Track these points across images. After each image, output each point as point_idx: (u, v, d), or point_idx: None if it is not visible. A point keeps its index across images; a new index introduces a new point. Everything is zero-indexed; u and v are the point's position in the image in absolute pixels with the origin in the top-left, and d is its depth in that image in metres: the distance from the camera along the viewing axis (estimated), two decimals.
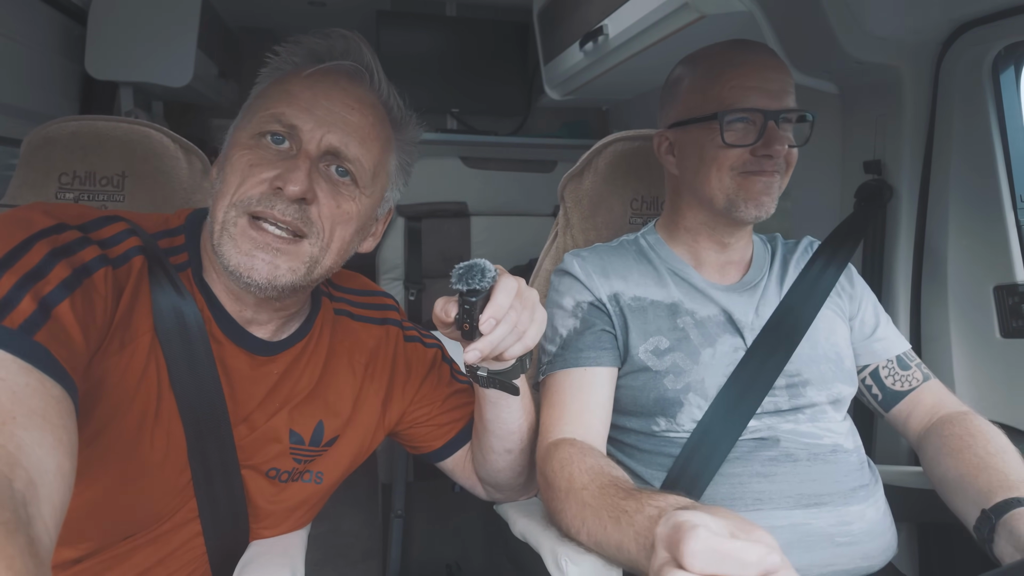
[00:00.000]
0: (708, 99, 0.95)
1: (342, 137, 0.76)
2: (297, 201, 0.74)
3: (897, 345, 1.05)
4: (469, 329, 0.72)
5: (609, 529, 0.72)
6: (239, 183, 0.74)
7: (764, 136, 0.92)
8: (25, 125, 1.65)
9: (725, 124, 0.93)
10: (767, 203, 0.94)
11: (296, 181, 0.72)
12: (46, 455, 0.51)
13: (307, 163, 0.74)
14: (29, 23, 1.85)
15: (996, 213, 1.17)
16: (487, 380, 0.83)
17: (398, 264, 2.19)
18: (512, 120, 2.97)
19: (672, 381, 0.93)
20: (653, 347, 0.96)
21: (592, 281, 1.00)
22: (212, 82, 2.47)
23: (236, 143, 0.77)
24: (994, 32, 1.13)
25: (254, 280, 0.73)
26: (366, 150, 0.79)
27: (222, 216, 0.74)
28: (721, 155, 0.94)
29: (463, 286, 0.70)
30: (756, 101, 0.92)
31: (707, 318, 0.98)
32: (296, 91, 0.77)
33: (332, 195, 0.77)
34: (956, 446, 0.90)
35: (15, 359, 0.53)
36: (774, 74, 0.94)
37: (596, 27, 1.85)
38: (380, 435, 0.96)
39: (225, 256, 0.73)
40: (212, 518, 0.81)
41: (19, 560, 0.42)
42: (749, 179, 0.94)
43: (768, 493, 0.88)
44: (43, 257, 0.61)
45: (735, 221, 0.97)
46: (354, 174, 0.78)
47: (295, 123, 0.75)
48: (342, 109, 0.77)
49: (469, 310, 0.71)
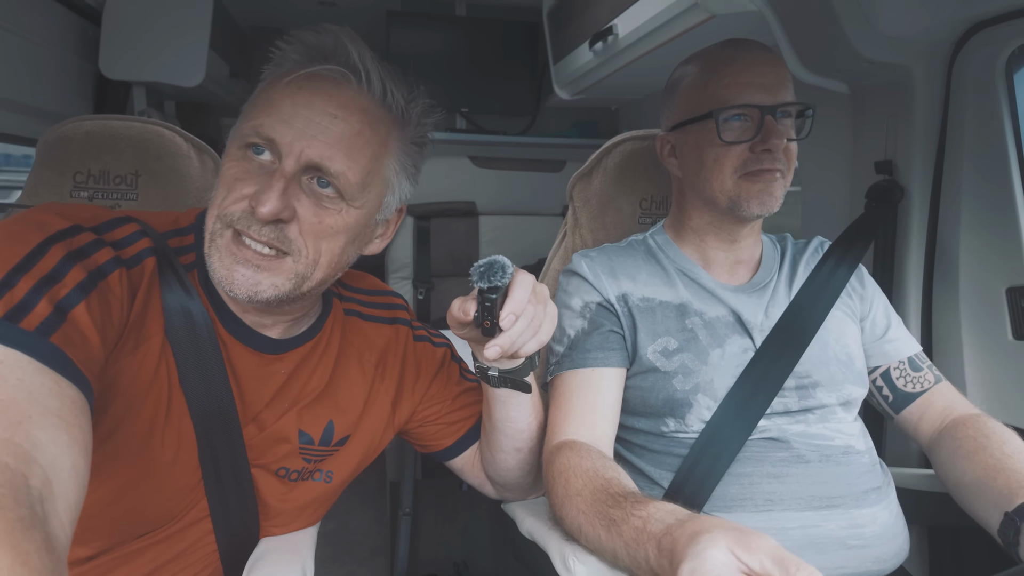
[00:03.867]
0: (704, 99, 0.96)
1: (323, 150, 0.72)
2: (273, 221, 0.71)
3: (909, 346, 1.04)
4: (490, 326, 0.72)
5: (603, 537, 0.72)
6: (224, 195, 0.73)
7: (762, 131, 0.92)
8: (41, 124, 1.67)
9: (722, 122, 0.93)
10: (770, 201, 0.94)
11: (266, 202, 0.69)
12: (61, 453, 0.51)
13: (282, 182, 0.71)
14: (44, 23, 1.87)
15: (1009, 215, 1.16)
16: (499, 379, 0.83)
17: (407, 263, 2.19)
18: (521, 120, 2.97)
19: (681, 382, 0.93)
20: (662, 348, 0.95)
21: (600, 282, 1.00)
22: (224, 82, 2.49)
23: (228, 152, 0.76)
24: (1007, 32, 1.12)
25: (235, 293, 0.73)
26: (352, 162, 0.74)
27: (211, 226, 0.74)
28: (721, 154, 0.94)
29: (485, 283, 0.70)
30: (751, 97, 0.93)
31: (716, 319, 0.97)
32: (277, 100, 0.73)
33: (314, 210, 0.73)
34: (971, 448, 0.89)
35: (31, 360, 0.54)
36: (768, 68, 0.94)
37: (606, 27, 1.85)
38: (389, 434, 0.96)
39: (211, 267, 0.74)
40: (223, 517, 0.82)
41: (35, 556, 0.43)
42: (750, 180, 0.94)
43: (779, 494, 0.88)
44: (59, 260, 0.62)
45: (740, 219, 0.98)
46: (338, 188, 0.74)
47: (273, 137, 0.72)
48: (323, 119, 0.72)
49: (490, 307, 0.71)
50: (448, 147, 2.52)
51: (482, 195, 2.21)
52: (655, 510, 0.67)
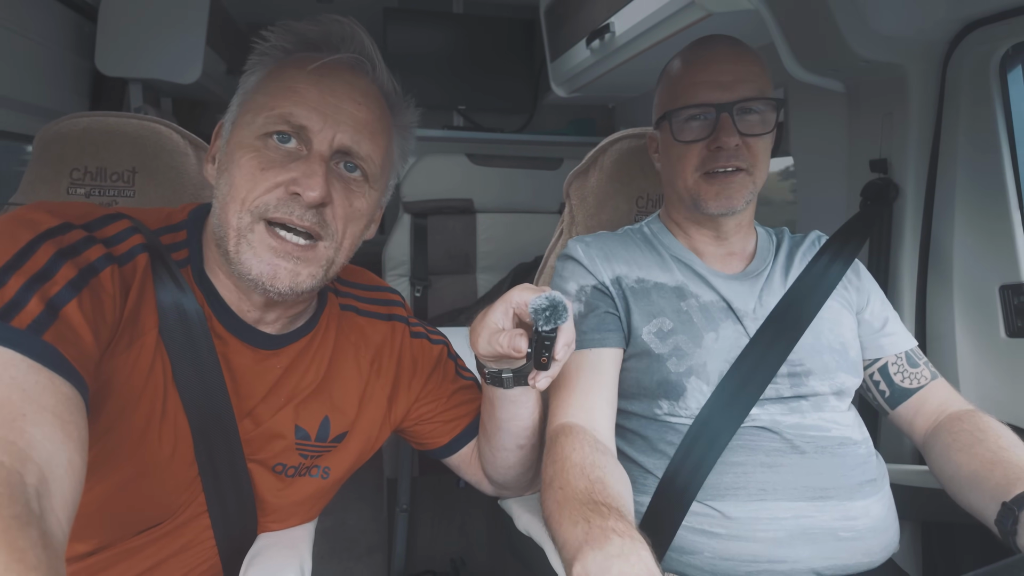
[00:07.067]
0: (668, 99, 0.99)
1: (353, 135, 0.75)
2: (316, 205, 0.73)
3: (906, 341, 1.05)
4: (546, 361, 0.74)
5: (564, 527, 0.71)
6: (251, 187, 0.72)
7: (715, 129, 0.93)
8: (37, 121, 1.67)
9: (680, 122, 0.96)
10: (728, 201, 0.96)
11: (315, 187, 0.71)
12: (57, 450, 0.51)
13: (323, 166, 0.73)
14: (41, 20, 1.86)
15: (1002, 213, 1.16)
16: (512, 380, 0.84)
17: (404, 261, 2.19)
18: (518, 117, 2.97)
19: (675, 364, 0.94)
20: (656, 328, 0.96)
21: (595, 265, 1.01)
22: (220, 78, 2.49)
23: (240, 143, 0.74)
24: (1001, 31, 1.12)
25: (276, 288, 0.73)
26: (376, 145, 0.78)
27: (236, 222, 0.73)
28: (683, 153, 0.97)
29: (551, 326, 0.71)
30: (705, 96, 0.94)
31: (710, 303, 0.98)
32: (301, 88, 0.74)
33: (345, 194, 0.76)
34: (967, 442, 0.90)
35: (24, 358, 0.54)
36: (728, 66, 0.95)
37: (603, 24, 1.85)
38: (386, 431, 0.96)
39: (245, 265, 0.73)
40: (221, 512, 0.82)
41: (32, 553, 0.43)
42: (708, 180, 0.96)
43: (773, 484, 0.88)
44: (50, 258, 0.62)
45: (707, 216, 0.99)
46: (365, 170, 0.77)
47: (304, 124, 0.73)
48: (349, 105, 0.75)
49: (550, 345, 0.72)
50: (445, 144, 2.52)
51: (479, 193, 2.21)
52: (612, 535, 0.65)
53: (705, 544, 0.87)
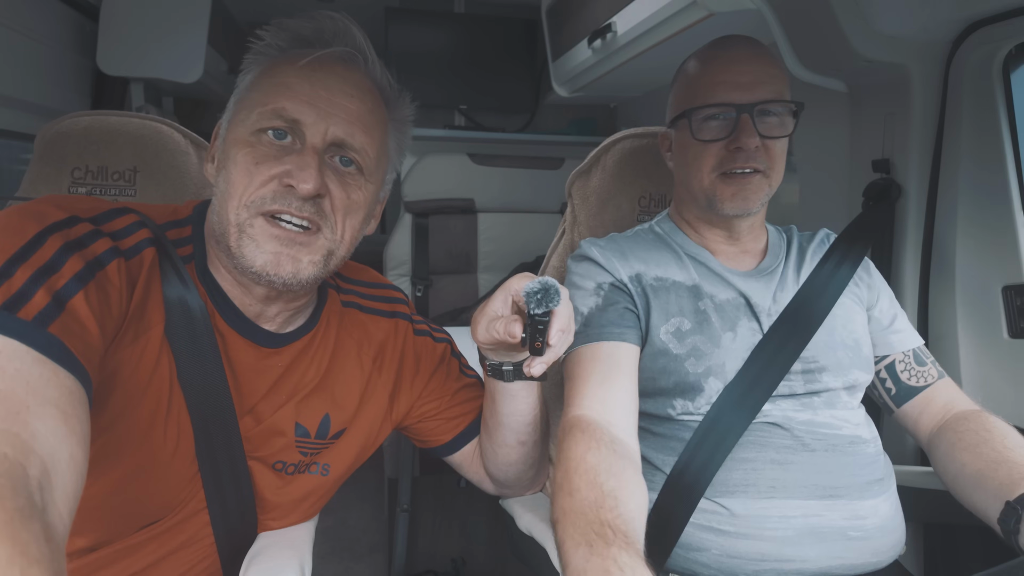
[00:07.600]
0: (686, 97, 0.98)
1: (346, 128, 0.75)
2: (311, 197, 0.73)
3: (914, 339, 1.04)
4: (540, 346, 0.73)
5: (570, 551, 0.69)
6: (247, 183, 0.73)
7: (735, 130, 0.93)
8: (38, 120, 1.67)
9: (699, 121, 0.95)
10: (744, 203, 0.95)
11: (308, 179, 0.72)
12: (60, 443, 0.51)
13: (316, 159, 0.74)
14: (42, 19, 1.86)
15: (1005, 213, 1.16)
16: (513, 373, 0.84)
17: (405, 260, 2.19)
18: (520, 117, 2.97)
19: (693, 364, 0.93)
20: (675, 328, 0.95)
21: (612, 264, 1.00)
22: (222, 78, 2.49)
23: (236, 140, 0.75)
24: (1004, 31, 1.12)
25: (280, 277, 0.73)
26: (370, 138, 0.78)
27: (235, 218, 0.73)
28: (700, 152, 0.96)
29: (543, 309, 0.70)
30: (725, 96, 0.93)
31: (726, 302, 0.98)
32: (294, 83, 0.75)
33: (341, 186, 0.76)
34: (972, 441, 0.89)
35: (29, 350, 0.54)
36: (748, 67, 0.94)
37: (604, 24, 1.85)
38: (387, 428, 0.96)
39: (248, 258, 0.73)
40: (220, 509, 0.82)
41: (34, 546, 0.43)
42: (725, 180, 0.95)
43: (783, 481, 0.88)
44: (56, 251, 0.62)
45: (721, 217, 0.99)
46: (359, 163, 0.78)
47: (297, 118, 0.74)
48: (342, 98, 0.76)
49: (543, 329, 0.72)
50: (446, 144, 2.52)
51: (481, 192, 2.21)
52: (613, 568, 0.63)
53: (713, 541, 0.87)
